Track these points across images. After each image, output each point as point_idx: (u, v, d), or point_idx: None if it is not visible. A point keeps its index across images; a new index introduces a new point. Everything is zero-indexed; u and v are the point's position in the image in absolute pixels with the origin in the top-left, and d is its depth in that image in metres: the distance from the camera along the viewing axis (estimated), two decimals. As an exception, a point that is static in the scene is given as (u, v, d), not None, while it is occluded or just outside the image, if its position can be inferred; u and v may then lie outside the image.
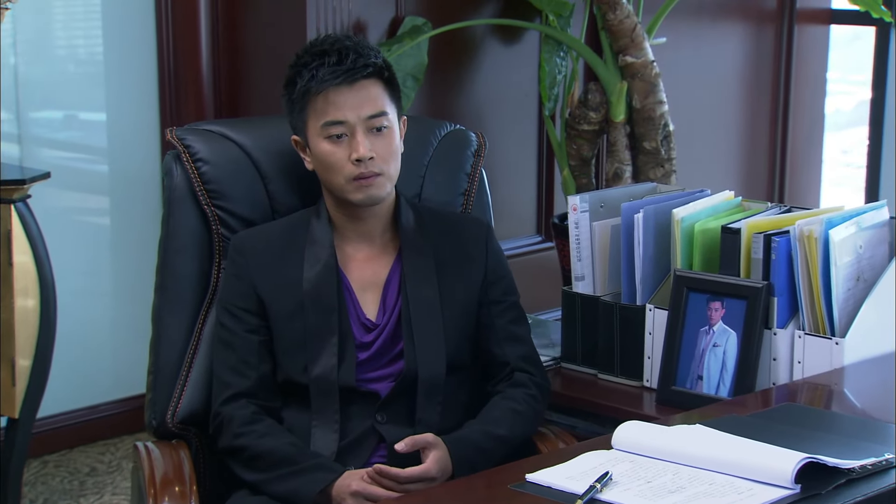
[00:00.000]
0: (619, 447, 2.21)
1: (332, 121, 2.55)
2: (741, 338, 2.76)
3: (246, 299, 2.61)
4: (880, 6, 4.07)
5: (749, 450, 2.11)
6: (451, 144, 2.91)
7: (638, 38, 4.25)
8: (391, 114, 2.59)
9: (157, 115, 4.34)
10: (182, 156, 2.73)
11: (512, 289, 2.74)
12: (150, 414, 2.73)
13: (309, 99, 2.56)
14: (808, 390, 2.64)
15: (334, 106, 2.54)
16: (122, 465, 4.13)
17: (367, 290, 2.63)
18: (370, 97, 2.56)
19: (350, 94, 2.54)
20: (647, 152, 4.29)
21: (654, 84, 4.28)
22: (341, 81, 2.53)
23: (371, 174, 2.54)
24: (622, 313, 2.96)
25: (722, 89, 5.14)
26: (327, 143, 2.56)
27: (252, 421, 2.56)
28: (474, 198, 2.88)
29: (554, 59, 4.40)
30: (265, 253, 2.63)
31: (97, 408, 4.30)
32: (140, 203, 4.35)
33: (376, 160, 2.55)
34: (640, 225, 2.91)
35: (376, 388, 2.59)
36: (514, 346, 2.69)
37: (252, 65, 4.27)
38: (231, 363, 2.60)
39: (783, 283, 2.74)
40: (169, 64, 4.30)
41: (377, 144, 2.55)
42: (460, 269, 2.67)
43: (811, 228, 2.70)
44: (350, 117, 2.54)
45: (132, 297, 4.36)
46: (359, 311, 2.62)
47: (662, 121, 4.29)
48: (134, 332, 4.35)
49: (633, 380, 2.97)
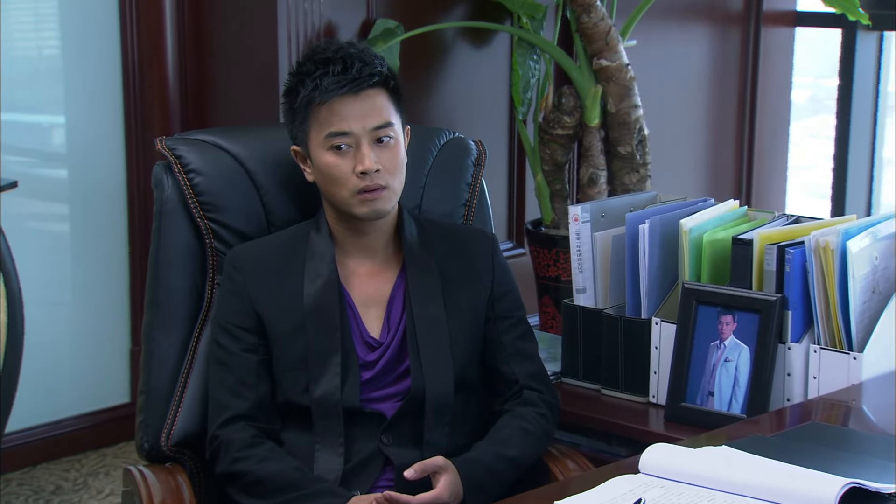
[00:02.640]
0: (647, 471, 2.12)
1: (336, 131, 2.45)
2: (754, 352, 2.69)
3: (243, 317, 2.50)
4: (857, 8, 4.01)
5: (786, 474, 2.03)
6: (451, 154, 2.82)
7: (612, 42, 4.18)
8: (396, 124, 2.50)
9: (121, 120, 4.20)
10: (173, 167, 2.63)
11: (518, 303, 2.65)
12: (142, 436, 2.60)
13: (312, 109, 2.46)
14: (828, 408, 2.56)
15: (339, 116, 2.44)
16: (87, 482, 3.98)
17: (370, 307, 2.53)
18: (376, 107, 2.46)
19: (355, 103, 2.45)
20: (621, 157, 4.22)
21: (629, 88, 4.21)
22: (346, 91, 2.44)
23: (377, 187, 2.45)
24: (627, 327, 2.88)
25: (689, 92, 5.08)
26: (331, 155, 2.46)
27: (252, 444, 2.45)
28: (475, 209, 2.80)
29: (527, 63, 4.32)
30: (263, 268, 2.53)
31: (60, 423, 4.15)
32: (103, 210, 4.20)
33: (382, 173, 2.45)
34: (646, 236, 2.83)
35: (381, 409, 2.49)
36: (523, 364, 2.59)
37: (221, 68, 4.16)
38: (228, 384, 2.49)
39: (797, 295, 2.67)
40: (133, 67, 4.17)
41: (382, 156, 2.46)
42: (466, 284, 2.58)
43: (827, 240, 2.63)
44: (355, 128, 2.44)
45: (94, 308, 4.22)
46: (362, 328, 2.52)
47: (637, 125, 4.23)
48: (96, 344, 4.22)
49: (638, 395, 2.89)
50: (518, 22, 4.30)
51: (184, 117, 4.21)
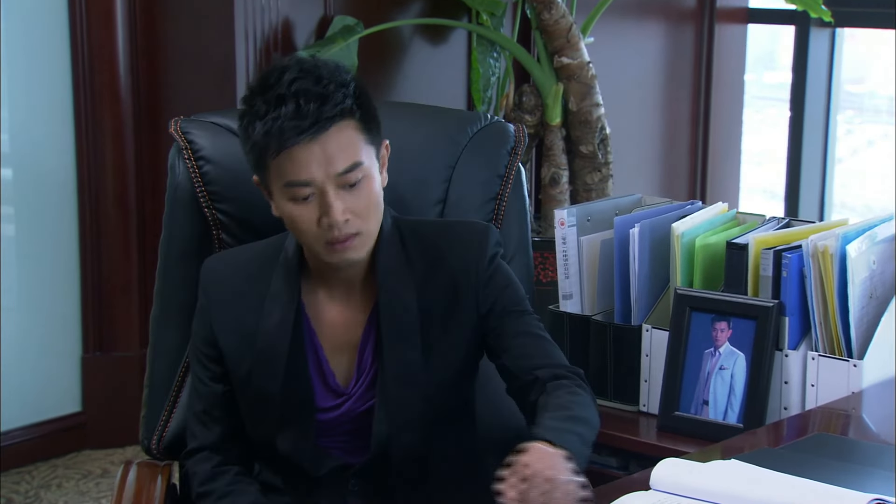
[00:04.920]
0: (660, 488, 2.05)
1: (295, 181, 2.09)
2: (750, 360, 2.62)
3: (207, 344, 2.28)
4: (820, 6, 3.97)
5: (806, 490, 1.96)
6: (484, 141, 2.56)
7: (574, 39, 4.12)
8: (367, 160, 2.12)
9: (70, 119, 4.07)
10: (184, 152, 2.47)
11: (516, 298, 2.28)
12: (143, 432, 2.50)
13: (267, 157, 2.10)
14: (829, 417, 2.50)
15: (298, 165, 2.07)
16: (39, 494, 3.85)
17: (342, 351, 2.25)
18: (341, 147, 2.09)
19: (316, 147, 2.07)
20: (583, 156, 4.16)
21: (591, 86, 4.16)
22: (304, 137, 2.06)
23: (346, 237, 2.11)
24: (616, 334, 2.80)
25: (644, 89, 5.04)
26: (292, 205, 2.11)
27: (213, 477, 2.27)
28: (506, 203, 2.53)
29: (487, 61, 4.25)
30: (228, 290, 2.27)
31: (8, 434, 4.01)
32: (51, 212, 4.07)
33: (352, 220, 2.11)
34: (636, 240, 2.75)
35: (346, 459, 2.27)
36: (535, 359, 2.24)
37: (173, 64, 4.06)
38: (196, 411, 2.31)
39: (794, 301, 2.61)
40: (83, 63, 4.04)
41: (352, 202, 2.11)
42: (450, 320, 2.25)
43: (826, 244, 2.56)
44: (317, 176, 2.08)
45: (43, 314, 4.09)
46: (327, 374, 2.25)
47: (599, 124, 4.18)
48: (45, 351, 4.09)
49: (628, 404, 2.81)
50: (477, 19, 4.22)
51: (136, 116, 4.09)
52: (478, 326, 2.26)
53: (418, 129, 2.59)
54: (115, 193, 4.15)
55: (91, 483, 3.94)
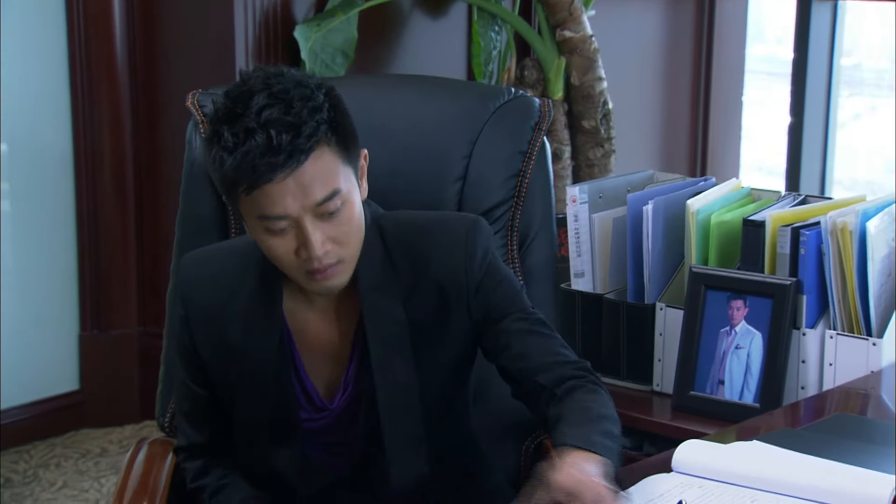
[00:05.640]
0: (682, 470, 2.01)
1: (269, 216, 1.95)
2: (767, 339, 2.58)
3: (188, 352, 2.17)
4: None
5: (832, 472, 1.93)
6: (507, 116, 2.43)
7: (576, 12, 4.06)
8: (345, 183, 1.98)
9: (66, 93, 4.00)
10: (200, 125, 2.42)
11: (512, 297, 2.15)
12: (159, 409, 2.46)
13: (238, 191, 1.95)
14: (847, 397, 2.46)
15: (272, 200, 1.93)
16: (38, 473, 3.80)
17: (322, 363, 2.15)
18: (316, 177, 1.93)
19: (291, 182, 1.92)
20: (585, 132, 4.12)
21: (593, 60, 4.11)
22: (279, 173, 1.91)
23: (327, 267, 1.99)
24: (629, 312, 2.76)
25: (644, 63, 4.98)
26: (267, 236, 1.98)
27: (204, 472, 2.22)
28: (528, 181, 2.40)
29: (489, 34, 4.19)
30: (207, 302, 2.14)
31: (6, 412, 3.94)
32: (47, 187, 4.01)
33: (332, 250, 1.99)
34: (650, 217, 2.71)
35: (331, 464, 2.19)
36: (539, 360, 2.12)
37: (171, 39, 3.99)
38: (184, 410, 2.23)
39: (812, 279, 2.57)
40: (80, 36, 3.97)
41: (331, 230, 1.98)
42: (442, 329, 2.13)
43: (845, 220, 2.53)
44: (293, 210, 1.94)
45: (40, 291, 4.02)
46: (309, 390, 2.15)
47: (601, 98, 4.13)
48: (43, 329, 4.04)
49: (641, 384, 2.78)
50: (478, -9, 4.16)
51: (133, 91, 4.03)
52: (471, 332, 2.14)
53: (434, 102, 2.51)
54: (112, 169, 4.08)
55: (90, 462, 3.89)
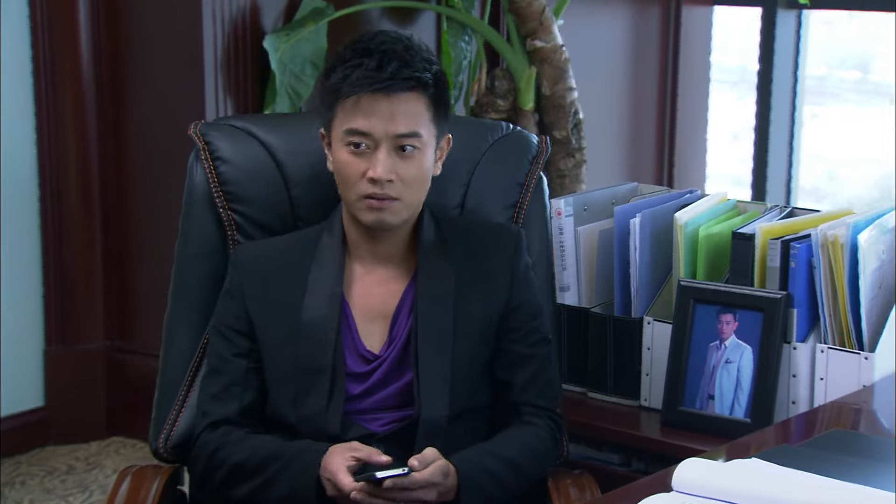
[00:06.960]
0: (683, 489, 1.97)
1: (356, 129, 2.22)
2: (757, 353, 2.56)
3: (236, 319, 2.33)
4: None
5: (832, 490, 1.90)
6: (504, 149, 2.56)
7: (547, 22, 4.06)
8: (426, 135, 2.25)
9: (31, 103, 3.92)
10: (201, 153, 2.46)
11: (534, 313, 2.38)
12: (152, 435, 2.45)
13: (339, 99, 2.24)
14: (840, 412, 2.43)
15: (363, 114, 2.21)
16: (3, 492, 3.72)
17: (373, 320, 2.33)
18: (406, 113, 2.22)
19: (384, 104, 2.21)
20: (557, 142, 4.10)
21: (564, 70, 4.10)
22: (376, 90, 2.20)
23: (385, 197, 2.23)
24: (616, 326, 2.73)
25: (611, 72, 4.96)
26: (347, 152, 2.24)
27: (226, 434, 2.30)
28: (526, 211, 2.52)
29: (458, 44, 4.16)
30: (262, 270, 2.35)
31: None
32: (11, 201, 3.92)
33: (395, 183, 2.22)
34: (637, 231, 2.68)
35: (371, 427, 2.29)
36: (523, 371, 2.35)
37: (138, 49, 3.93)
38: (214, 391, 2.33)
39: (802, 293, 2.55)
40: (44, 44, 3.90)
41: (401, 167, 2.23)
42: (481, 290, 2.34)
43: (836, 233, 2.50)
44: (376, 130, 2.21)
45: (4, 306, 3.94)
46: (357, 342, 2.32)
47: (572, 108, 4.12)
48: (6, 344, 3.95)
49: (628, 399, 2.74)
50: (447, 1, 4.13)
51: (99, 103, 3.96)
52: (500, 319, 2.34)
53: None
54: (77, 182, 4.01)
55: (56, 480, 3.82)
